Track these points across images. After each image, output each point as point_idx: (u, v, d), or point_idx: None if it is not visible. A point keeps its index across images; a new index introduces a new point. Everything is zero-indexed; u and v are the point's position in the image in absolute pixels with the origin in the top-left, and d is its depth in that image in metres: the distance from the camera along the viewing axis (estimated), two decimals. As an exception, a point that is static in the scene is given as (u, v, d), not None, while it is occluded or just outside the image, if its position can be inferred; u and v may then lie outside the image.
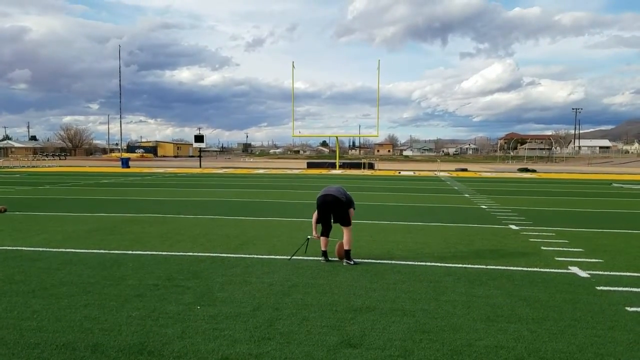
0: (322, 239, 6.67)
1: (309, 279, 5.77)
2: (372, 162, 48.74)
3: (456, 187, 21.20)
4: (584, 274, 6.08)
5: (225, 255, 7.01)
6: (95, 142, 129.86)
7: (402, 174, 34.98)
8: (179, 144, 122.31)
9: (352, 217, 6.69)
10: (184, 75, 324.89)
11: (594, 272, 6.16)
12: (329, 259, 6.63)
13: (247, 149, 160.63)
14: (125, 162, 42.36)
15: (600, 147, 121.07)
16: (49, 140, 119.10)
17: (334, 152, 65.90)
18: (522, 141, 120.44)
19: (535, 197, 16.97)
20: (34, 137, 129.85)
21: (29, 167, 41.89)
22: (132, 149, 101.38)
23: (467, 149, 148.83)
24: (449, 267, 6.42)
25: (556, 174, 36.92)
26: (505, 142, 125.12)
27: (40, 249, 7.28)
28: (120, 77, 52.11)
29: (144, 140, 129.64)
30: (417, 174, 35.04)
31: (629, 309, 4.77)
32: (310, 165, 47.24)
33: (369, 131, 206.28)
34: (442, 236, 8.72)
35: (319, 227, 6.71)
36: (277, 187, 20.64)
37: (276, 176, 30.05)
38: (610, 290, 5.42)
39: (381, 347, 3.82)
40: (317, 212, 6.63)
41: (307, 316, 4.50)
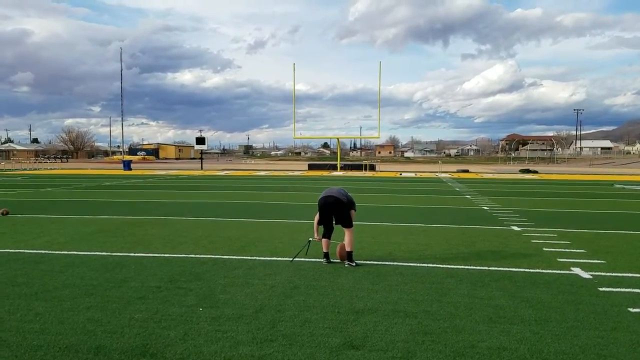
0: (324, 240, 6.67)
1: (311, 280, 5.77)
2: (374, 163, 48.75)
3: (457, 189, 21.18)
4: (586, 275, 6.07)
5: (227, 257, 7.02)
6: (97, 144, 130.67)
7: (404, 175, 34.98)
8: (181, 147, 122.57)
9: (354, 218, 6.69)
10: (186, 77, 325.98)
11: (596, 273, 6.15)
12: (331, 260, 6.64)
13: (248, 151, 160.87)
14: (127, 165, 42.44)
15: (602, 148, 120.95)
16: (50, 142, 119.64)
17: (335, 153, 65.97)
18: (524, 142, 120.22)
19: (536, 198, 16.95)
20: (35, 140, 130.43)
21: (30, 169, 41.95)
22: (133, 151, 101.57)
23: (468, 150, 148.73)
24: (451, 268, 6.41)
25: (558, 174, 36.86)
26: (506, 144, 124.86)
27: (42, 252, 7.29)
28: (122, 79, 52.10)
29: (145, 142, 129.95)
30: (419, 175, 35.02)
31: (631, 310, 4.77)
32: (311, 166, 47.21)
33: (370, 133, 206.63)
34: (443, 237, 8.71)
35: (321, 229, 6.72)
36: (279, 189, 20.64)
37: (277, 178, 30.06)
38: (612, 291, 5.42)
39: (383, 349, 3.82)
40: (318, 213, 6.63)
41: (310, 318, 4.50)
